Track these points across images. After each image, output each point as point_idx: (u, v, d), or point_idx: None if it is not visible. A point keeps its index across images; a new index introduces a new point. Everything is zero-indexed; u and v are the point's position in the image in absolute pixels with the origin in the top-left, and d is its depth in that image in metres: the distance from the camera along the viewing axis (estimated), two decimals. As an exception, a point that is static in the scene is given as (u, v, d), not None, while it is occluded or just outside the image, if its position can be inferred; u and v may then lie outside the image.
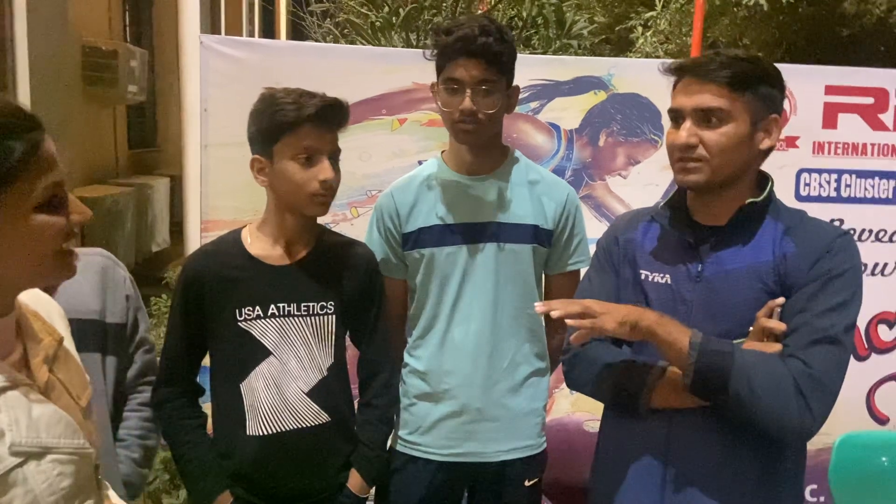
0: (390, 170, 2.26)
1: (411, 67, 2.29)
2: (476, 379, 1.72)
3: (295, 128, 1.50)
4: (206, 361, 1.65)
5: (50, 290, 1.40)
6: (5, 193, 0.87)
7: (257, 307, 1.55)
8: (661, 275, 1.42)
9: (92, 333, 1.50)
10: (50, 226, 0.91)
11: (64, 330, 1.08)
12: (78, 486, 0.96)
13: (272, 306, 1.56)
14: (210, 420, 1.65)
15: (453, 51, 1.61)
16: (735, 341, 1.34)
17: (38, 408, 0.93)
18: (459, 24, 1.63)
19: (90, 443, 1.01)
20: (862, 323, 2.51)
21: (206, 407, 1.66)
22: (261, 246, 1.59)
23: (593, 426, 2.42)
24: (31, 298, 1.04)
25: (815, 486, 2.47)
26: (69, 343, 1.08)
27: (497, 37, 1.61)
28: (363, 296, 1.65)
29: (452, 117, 1.64)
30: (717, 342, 1.30)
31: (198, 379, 1.65)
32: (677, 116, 1.38)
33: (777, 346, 1.30)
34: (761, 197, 1.38)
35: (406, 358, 1.79)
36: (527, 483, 1.78)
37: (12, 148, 0.87)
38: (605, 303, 1.36)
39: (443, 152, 1.80)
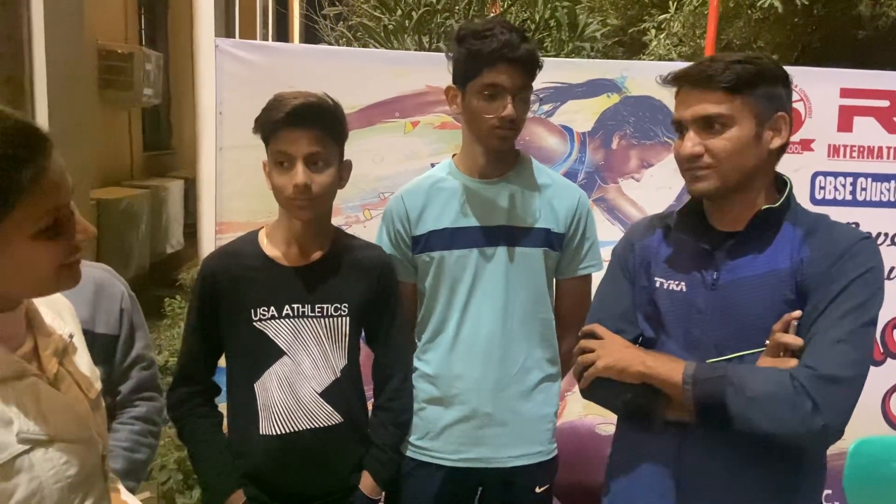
0: (403, 172, 2.27)
1: (424, 70, 2.30)
2: (486, 383, 1.71)
3: (275, 133, 1.51)
4: (224, 361, 1.66)
5: None
6: (3, 221, 0.87)
7: (272, 307, 1.56)
8: (676, 282, 1.41)
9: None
10: (48, 252, 0.92)
11: (74, 326, 1.10)
12: (84, 475, 0.99)
13: (286, 307, 1.57)
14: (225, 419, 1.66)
15: (496, 56, 1.58)
16: (752, 351, 1.33)
17: (47, 398, 0.95)
18: (489, 28, 1.60)
19: (98, 434, 1.03)
20: (877, 328, 2.49)
21: (223, 406, 1.67)
22: (276, 247, 1.60)
23: (605, 429, 2.42)
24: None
25: (829, 492, 2.45)
26: (79, 339, 1.10)
27: (531, 43, 1.62)
28: (378, 298, 1.65)
29: (490, 123, 1.61)
30: (709, 368, 1.30)
31: (215, 378, 1.67)
32: (680, 127, 1.37)
33: (793, 362, 1.27)
34: (779, 202, 1.36)
35: (415, 362, 1.77)
36: (537, 490, 1.76)
37: (15, 178, 0.87)
38: (607, 338, 1.42)
39: (454, 155, 1.79)
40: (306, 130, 1.49)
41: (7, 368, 0.92)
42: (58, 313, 1.08)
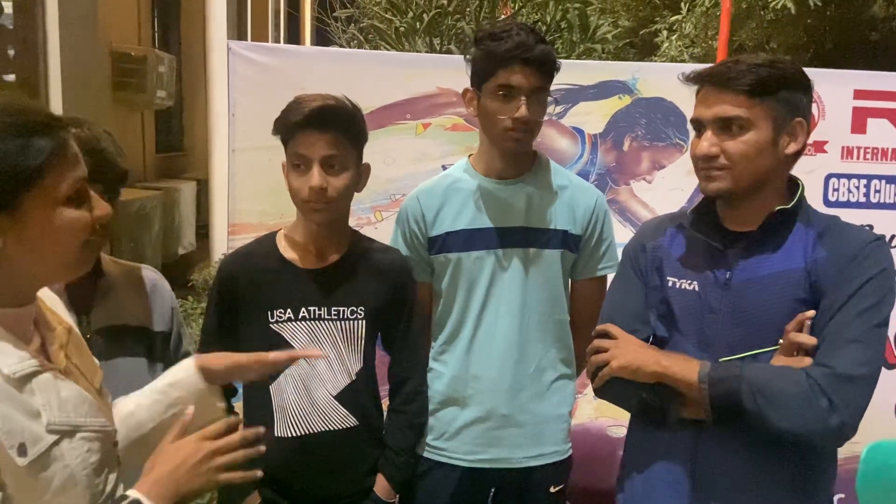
0: (414, 174, 2.27)
1: (435, 72, 2.31)
2: (502, 384, 1.71)
3: (292, 135, 1.52)
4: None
5: (93, 295, 1.45)
6: (36, 188, 0.92)
7: (288, 310, 1.57)
8: (689, 282, 1.41)
9: (137, 339, 1.53)
10: (77, 219, 0.97)
11: (68, 318, 1.13)
12: (103, 461, 1.02)
13: (303, 309, 1.57)
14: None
15: (510, 57, 1.57)
16: (766, 349, 1.33)
17: (65, 390, 0.99)
18: (507, 30, 1.60)
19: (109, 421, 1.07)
20: (890, 331, 2.47)
21: (239, 407, 1.68)
22: (293, 249, 1.61)
23: (616, 431, 2.41)
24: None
25: (842, 496, 2.43)
26: (76, 332, 1.13)
27: (548, 45, 1.61)
28: (395, 302, 1.65)
29: (504, 125, 1.61)
30: (725, 367, 1.31)
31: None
32: (698, 126, 1.38)
33: (807, 361, 1.28)
34: (791, 204, 1.36)
35: (432, 363, 1.78)
36: (552, 489, 1.77)
37: (43, 146, 0.93)
38: (621, 338, 1.41)
39: (470, 156, 1.79)
40: (323, 133, 1.50)
41: (28, 364, 0.95)
42: (54, 307, 1.11)
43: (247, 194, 2.30)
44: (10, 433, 0.90)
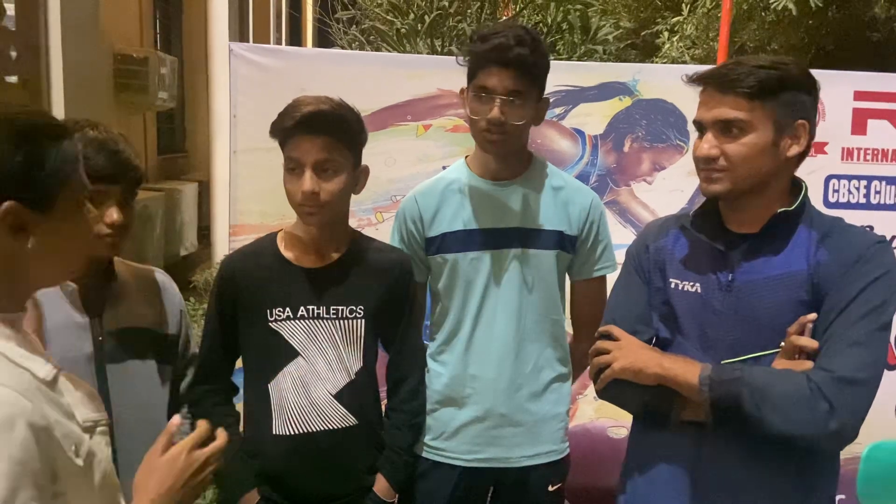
0: (415, 175, 2.28)
1: (436, 73, 2.31)
2: (500, 384, 1.72)
3: (287, 139, 1.52)
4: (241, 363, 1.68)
5: (105, 297, 1.46)
6: (68, 187, 0.95)
7: (287, 308, 1.57)
8: (691, 283, 1.41)
9: (148, 342, 1.52)
10: (89, 221, 1.00)
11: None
12: (109, 454, 1.04)
13: (301, 308, 1.58)
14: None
15: (487, 59, 1.58)
16: (768, 352, 1.33)
17: (78, 387, 1.00)
18: (495, 31, 1.61)
19: None
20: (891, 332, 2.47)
21: (240, 406, 1.69)
22: (293, 249, 1.62)
23: (617, 432, 2.41)
24: None
25: (843, 497, 2.43)
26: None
27: (532, 47, 1.59)
28: (394, 301, 1.65)
29: (479, 125, 1.62)
30: (725, 370, 1.31)
31: (233, 378, 1.68)
32: (700, 127, 1.38)
33: (808, 364, 1.28)
34: (794, 206, 1.36)
35: (430, 363, 1.79)
36: (550, 488, 1.78)
37: (70, 148, 0.96)
38: (623, 340, 1.41)
39: (467, 157, 1.80)
40: (316, 137, 1.50)
41: (52, 366, 0.95)
42: None
43: (248, 195, 2.31)
44: (66, 436, 0.91)
